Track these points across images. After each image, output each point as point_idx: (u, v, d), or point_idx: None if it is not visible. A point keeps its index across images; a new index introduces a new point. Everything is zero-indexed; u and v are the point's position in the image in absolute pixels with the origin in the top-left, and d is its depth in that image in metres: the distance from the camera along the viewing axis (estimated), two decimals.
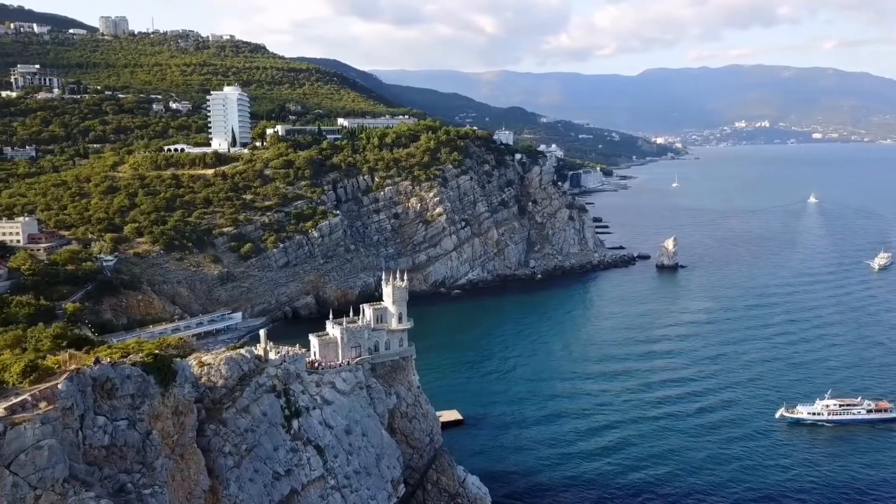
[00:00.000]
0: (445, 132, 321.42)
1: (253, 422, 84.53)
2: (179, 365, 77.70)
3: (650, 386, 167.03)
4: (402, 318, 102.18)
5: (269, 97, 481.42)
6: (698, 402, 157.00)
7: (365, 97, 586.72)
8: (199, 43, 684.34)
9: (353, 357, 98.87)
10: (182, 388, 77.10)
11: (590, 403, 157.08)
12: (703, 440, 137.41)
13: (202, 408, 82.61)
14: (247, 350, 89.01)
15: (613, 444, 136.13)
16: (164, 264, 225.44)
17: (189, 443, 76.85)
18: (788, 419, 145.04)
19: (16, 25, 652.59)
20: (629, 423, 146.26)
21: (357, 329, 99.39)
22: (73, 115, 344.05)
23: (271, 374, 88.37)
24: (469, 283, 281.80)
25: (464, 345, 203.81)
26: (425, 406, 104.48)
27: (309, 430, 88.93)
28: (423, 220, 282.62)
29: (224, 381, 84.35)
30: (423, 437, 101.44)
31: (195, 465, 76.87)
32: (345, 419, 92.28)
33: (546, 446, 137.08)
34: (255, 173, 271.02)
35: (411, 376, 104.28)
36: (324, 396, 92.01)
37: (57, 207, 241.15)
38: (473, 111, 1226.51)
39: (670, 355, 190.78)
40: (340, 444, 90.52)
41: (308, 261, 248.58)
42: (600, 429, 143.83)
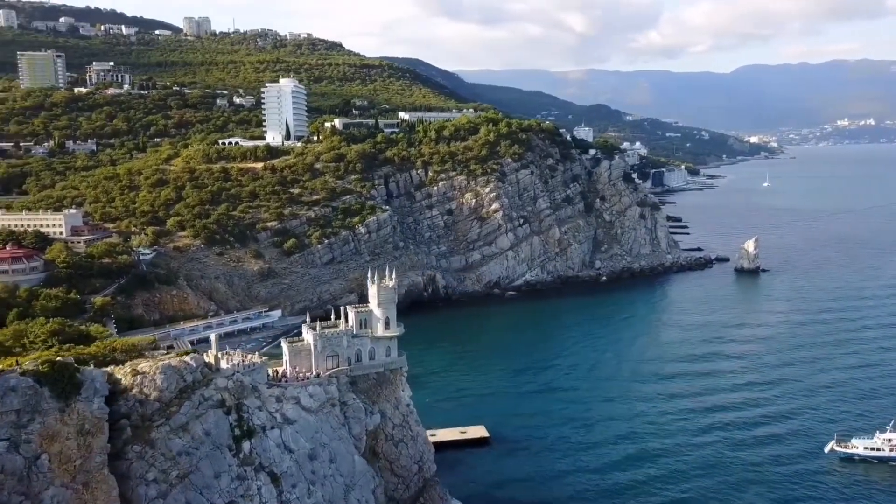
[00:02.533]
0: (507, 124, 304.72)
1: (191, 443, 71.50)
2: (87, 375, 65.42)
3: (702, 409, 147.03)
4: (391, 323, 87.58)
5: (338, 93, 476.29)
6: (749, 430, 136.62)
7: (437, 93, 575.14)
8: (276, 42, 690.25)
9: (328, 368, 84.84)
10: (89, 403, 64.79)
11: (635, 426, 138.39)
12: (747, 474, 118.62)
13: (128, 425, 70.26)
14: (193, 357, 76.16)
15: (651, 476, 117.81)
16: (204, 259, 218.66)
17: (97, 468, 64.42)
18: (840, 454, 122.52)
19: (105, 27, 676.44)
20: (673, 450, 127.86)
21: (334, 335, 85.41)
22: (138, 111, 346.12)
23: (220, 387, 75.30)
24: (526, 284, 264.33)
25: (508, 352, 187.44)
26: (415, 428, 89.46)
27: (263, 453, 75.40)
28: (477, 217, 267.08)
29: (158, 393, 71.76)
30: (410, 464, 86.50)
31: (104, 496, 64.35)
32: (309, 442, 78.39)
33: (580, 473, 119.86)
34: (306, 167, 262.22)
35: (400, 392, 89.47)
36: (285, 414, 78.40)
37: (105, 200, 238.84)
38: (557, 109, 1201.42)
39: (731, 374, 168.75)
40: (301, 472, 76.65)
41: (353, 258, 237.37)
42: (641, 457, 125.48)
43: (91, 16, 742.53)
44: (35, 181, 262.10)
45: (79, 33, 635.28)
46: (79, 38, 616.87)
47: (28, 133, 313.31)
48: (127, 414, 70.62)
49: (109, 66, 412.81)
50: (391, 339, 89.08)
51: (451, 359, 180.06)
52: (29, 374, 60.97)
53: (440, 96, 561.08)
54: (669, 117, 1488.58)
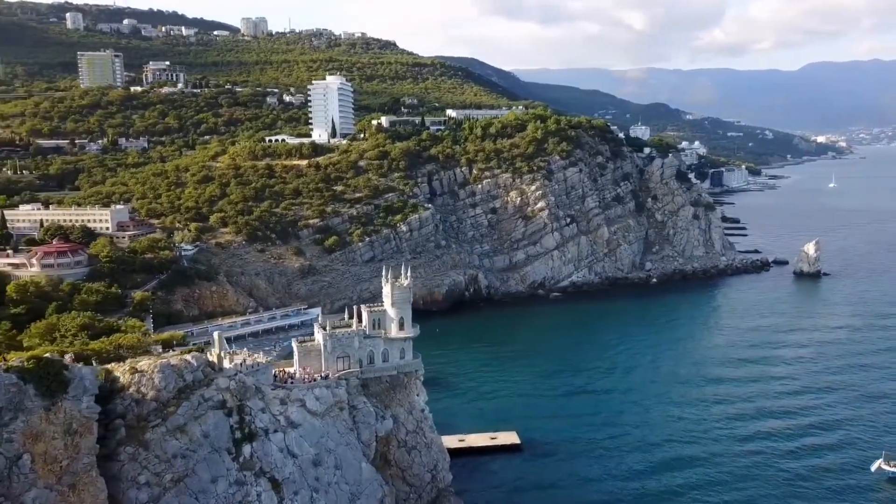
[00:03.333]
0: (555, 121, 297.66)
1: (189, 445, 68.59)
2: (76, 373, 62.95)
3: (746, 416, 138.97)
4: (405, 324, 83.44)
5: (388, 92, 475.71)
6: (792, 440, 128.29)
7: (489, 91, 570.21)
8: (331, 41, 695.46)
9: (338, 369, 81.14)
10: (78, 402, 62.28)
11: (674, 433, 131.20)
12: (787, 487, 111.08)
13: (122, 425, 67.77)
14: (194, 356, 73.36)
15: (688, 485, 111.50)
16: (245, 255, 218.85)
17: (84, 470, 61.90)
18: (888, 473, 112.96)
19: (166, 29, 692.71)
20: (712, 458, 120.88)
21: (345, 335, 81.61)
22: (189, 109, 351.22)
23: (222, 387, 72.27)
24: (572, 285, 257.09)
25: (548, 354, 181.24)
26: (430, 434, 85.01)
27: (264, 458, 72.09)
28: (522, 216, 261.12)
29: (156, 392, 69.04)
30: (423, 472, 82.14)
31: (91, 499, 61.79)
32: (313, 447, 74.77)
33: (612, 480, 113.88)
34: (349, 164, 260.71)
35: (414, 396, 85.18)
36: (289, 417, 74.95)
37: (151, 196, 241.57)
38: (614, 108, 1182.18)
39: (780, 381, 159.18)
40: (304, 478, 73.09)
41: (394, 256, 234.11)
42: (679, 465, 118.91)
43: (153, 18, 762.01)
44: (87, 177, 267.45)
45: (141, 35, 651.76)
46: (140, 39, 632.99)
47: (84, 131, 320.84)
48: (122, 413, 68.19)
49: (165, 65, 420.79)
50: (405, 340, 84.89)
51: (487, 360, 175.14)
52: (13, 370, 58.83)
53: (492, 94, 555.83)
54: (732, 116, 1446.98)
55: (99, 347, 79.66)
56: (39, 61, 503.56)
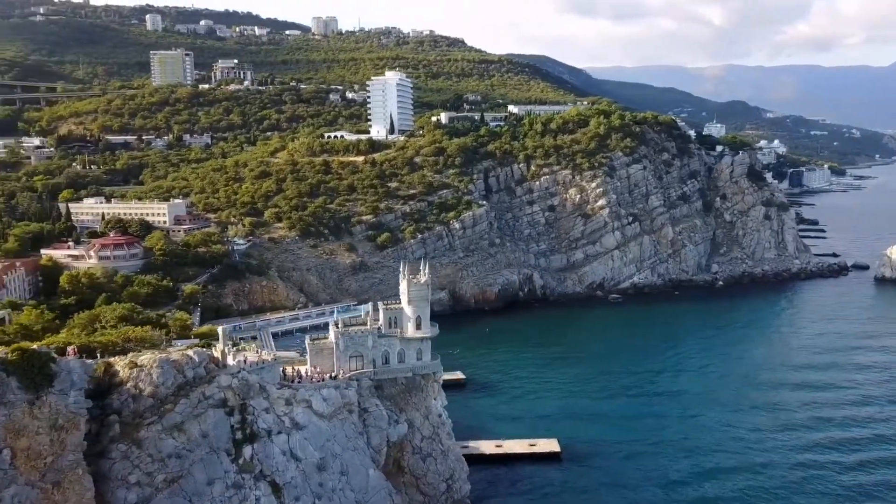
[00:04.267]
0: (619, 116, 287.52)
1: (187, 444, 65.64)
2: (64, 366, 60.54)
3: (806, 427, 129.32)
4: (422, 323, 78.60)
5: (453, 89, 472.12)
6: (856, 451, 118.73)
7: (556, 88, 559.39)
8: (399, 39, 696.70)
9: (351, 369, 77.07)
10: (64, 396, 59.87)
11: (726, 443, 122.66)
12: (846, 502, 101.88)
13: (116, 422, 65.30)
14: (196, 351, 70.45)
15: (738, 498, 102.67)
16: (297, 250, 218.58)
17: (70, 467, 59.46)
18: None
19: (240, 29, 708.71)
20: (768, 469, 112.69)
21: (358, 334, 77.39)
22: (253, 105, 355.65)
23: (224, 385, 69.08)
24: (633, 286, 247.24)
25: (601, 359, 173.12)
26: (447, 442, 79.93)
27: (265, 460, 68.60)
28: (582, 214, 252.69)
29: (153, 388, 66.35)
30: (438, 482, 77.24)
31: (76, 497, 59.30)
32: (318, 450, 70.84)
33: (657, 494, 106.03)
34: (405, 161, 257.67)
35: (431, 400, 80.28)
36: (294, 419, 71.25)
37: (210, 191, 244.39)
38: (690, 106, 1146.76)
39: (850, 389, 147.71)
40: (307, 484, 69.26)
41: (446, 254, 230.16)
42: (732, 476, 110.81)
43: (229, 18, 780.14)
44: (151, 172, 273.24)
45: (216, 35, 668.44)
46: (215, 39, 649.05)
47: (151, 127, 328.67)
48: (118, 409, 65.82)
49: (233, 63, 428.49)
50: (423, 340, 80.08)
51: (535, 363, 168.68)
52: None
53: (559, 91, 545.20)
54: (817, 114, 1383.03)
55: (106, 340, 77.99)
56: (119, 61, 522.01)
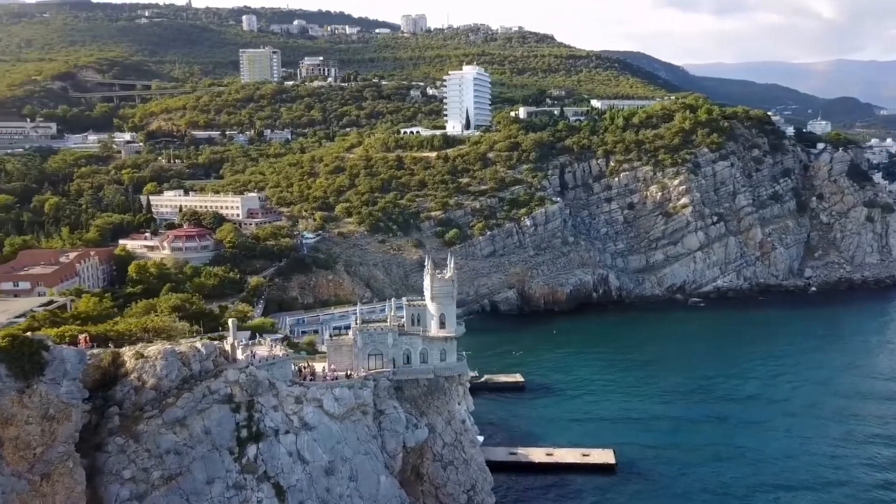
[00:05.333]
0: (707, 111, 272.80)
1: (188, 440, 62.92)
2: (56, 354, 58.63)
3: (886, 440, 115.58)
4: (447, 321, 73.31)
5: (538, 84, 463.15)
6: None
7: (647, 84, 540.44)
8: (487, 36, 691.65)
9: (370, 368, 72.71)
10: (55, 386, 57.90)
11: (800, 465, 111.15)
12: None
13: (116, 414, 63.22)
14: (205, 344, 67.73)
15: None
16: (366, 245, 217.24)
17: (60, 459, 57.51)
18: None
19: (331, 28, 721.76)
20: (841, 486, 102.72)
21: (378, 331, 72.91)
22: (335, 101, 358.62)
23: (230, 380, 66.03)
24: (716, 290, 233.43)
25: (673, 366, 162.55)
26: (470, 450, 74.31)
27: (270, 461, 65.12)
28: (663, 213, 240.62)
29: (156, 381, 63.93)
30: (458, 492, 71.75)
31: (65, 490, 57.30)
32: (328, 453, 66.78)
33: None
34: (478, 156, 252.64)
35: (454, 405, 74.84)
36: (304, 418, 67.44)
37: (284, 185, 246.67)
38: (794, 103, 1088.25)
39: None
40: (313, 488, 65.33)
41: (516, 251, 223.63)
42: (799, 490, 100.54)
43: (321, 18, 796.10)
44: (230, 166, 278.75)
45: (308, 34, 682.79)
46: (306, 38, 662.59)
47: (235, 123, 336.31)
48: (120, 401, 63.80)
49: (318, 60, 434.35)
50: (447, 340, 74.77)
51: (601, 368, 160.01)
52: None
53: (650, 87, 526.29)
54: None
55: (124, 329, 76.64)
56: (214, 60, 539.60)
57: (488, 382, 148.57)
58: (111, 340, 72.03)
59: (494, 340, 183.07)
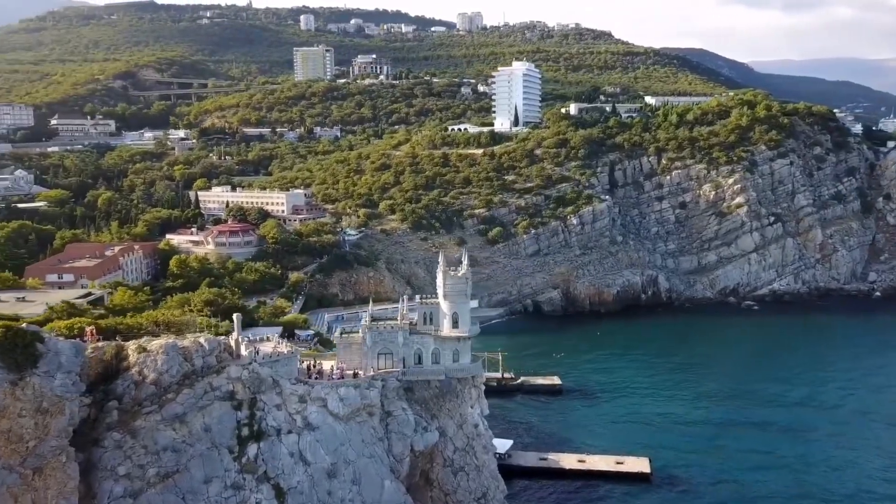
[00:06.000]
0: (765, 107, 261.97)
1: (187, 438, 61.49)
2: (51, 346, 57.74)
3: None
4: (460, 321, 70.09)
5: (593, 81, 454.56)
6: None
7: (706, 80, 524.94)
8: (543, 33, 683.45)
9: (380, 367, 70.07)
10: (49, 379, 56.95)
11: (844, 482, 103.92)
12: None
13: (115, 408, 62.12)
14: (208, 339, 66.19)
15: None
16: (408, 243, 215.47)
17: (53, 453, 56.55)
18: None
19: (388, 27, 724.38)
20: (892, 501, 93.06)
21: (388, 329, 70.19)
22: (385, 99, 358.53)
23: (233, 377, 64.39)
24: (771, 293, 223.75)
25: (719, 372, 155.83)
26: (482, 456, 70.84)
27: (270, 461, 63.19)
28: (716, 212, 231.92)
29: (157, 375, 62.66)
30: (468, 499, 68.47)
31: (57, 485, 56.35)
32: (331, 455, 64.43)
33: None
34: (525, 153, 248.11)
35: (467, 408, 71.52)
36: (307, 418, 65.24)
37: (330, 182, 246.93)
38: (867, 100, 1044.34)
39: None
40: (314, 490, 63.09)
41: (562, 251, 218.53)
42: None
43: (378, 17, 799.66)
44: (279, 163, 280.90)
45: (364, 33, 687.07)
46: (363, 37, 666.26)
47: (286, 120, 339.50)
48: (120, 396, 62.71)
49: (371, 58, 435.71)
50: (459, 340, 71.51)
51: (644, 372, 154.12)
52: None
53: (710, 84, 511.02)
54: None
55: (134, 322, 75.90)
56: (271, 59, 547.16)
57: (524, 384, 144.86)
58: (120, 334, 71.25)
59: (535, 341, 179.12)
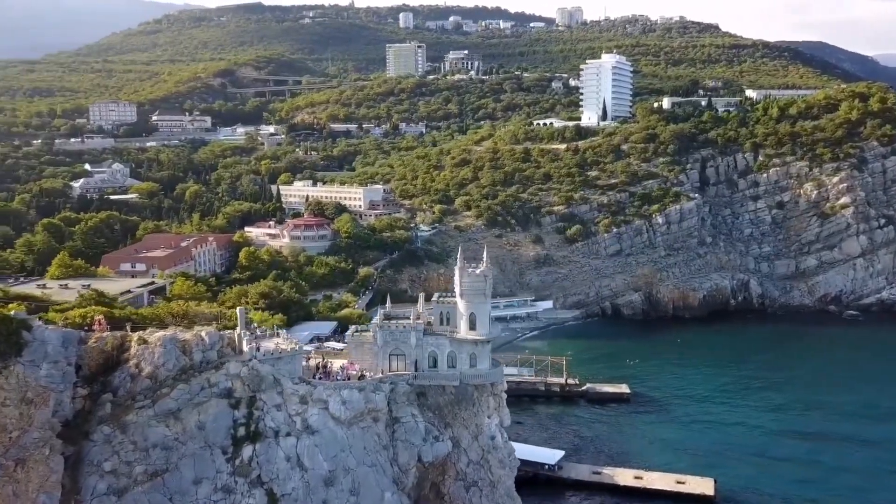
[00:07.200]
0: (880, 100, 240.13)
1: (179, 435, 58.92)
2: (38, 334, 56.08)
3: None
4: (477, 322, 64.12)
5: (694, 75, 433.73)
6: None
7: (819, 73, 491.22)
8: (646, 27, 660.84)
9: (391, 369, 65.22)
10: (34, 368, 55.38)
11: None
12: None
13: (109, 401, 60.13)
14: (210, 332, 63.29)
15: None
16: (481, 240, 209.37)
17: (35, 445, 54.92)
18: None
19: (486, 23, 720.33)
20: None
21: (400, 329, 65.11)
22: (473, 95, 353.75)
23: (232, 373, 61.32)
24: (879, 303, 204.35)
25: (812, 388, 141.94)
26: (498, 471, 64.54)
27: (265, 465, 59.59)
28: (818, 213, 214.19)
29: (152, 369, 60.33)
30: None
31: (39, 479, 54.59)
32: (329, 461, 60.10)
33: None
34: (610, 148, 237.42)
35: (484, 418, 65.40)
36: (307, 421, 61.17)
37: (409, 178, 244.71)
38: None
39: None
40: (310, 498, 59.05)
41: (645, 251, 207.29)
42: None
43: (476, 14, 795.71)
44: (362, 159, 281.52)
45: (461, 30, 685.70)
46: (460, 34, 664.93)
47: (373, 116, 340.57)
48: (115, 388, 60.64)
49: (463, 54, 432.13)
50: (477, 344, 65.48)
51: (721, 385, 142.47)
52: None
53: (823, 77, 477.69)
54: None
55: (150, 313, 74.21)
56: (367, 57, 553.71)
57: (589, 391, 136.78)
58: (133, 324, 69.56)
59: (609, 347, 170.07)
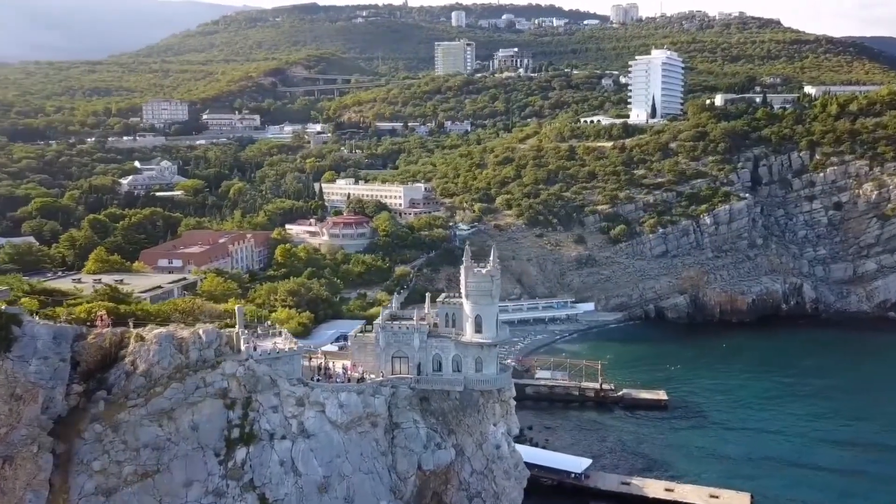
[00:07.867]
0: None
1: (172, 435, 57.56)
2: (28, 330, 55.20)
3: None
4: (484, 325, 60.86)
5: (752, 72, 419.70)
6: None
7: (887, 69, 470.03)
8: (703, 23, 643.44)
9: (394, 371, 62.49)
10: (24, 364, 54.49)
11: None
12: None
13: (102, 398, 59.03)
14: (207, 330, 61.70)
15: None
16: (521, 239, 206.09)
17: (23, 442, 54.09)
18: None
19: (539, 21, 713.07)
20: None
21: (403, 330, 62.29)
22: (520, 92, 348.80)
23: (227, 373, 59.65)
24: None
25: (865, 399, 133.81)
26: (502, 482, 61.17)
27: (259, 468, 57.73)
28: (878, 215, 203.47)
29: (147, 367, 59.07)
30: None
31: (26, 477, 53.70)
32: (324, 467, 57.75)
33: None
34: (658, 146, 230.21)
35: (489, 425, 62.03)
36: (303, 424, 58.98)
37: (451, 176, 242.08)
38: None
39: None
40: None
41: (692, 253, 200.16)
42: None
43: (530, 12, 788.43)
44: (406, 157, 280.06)
45: (514, 28, 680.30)
46: (512, 32, 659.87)
47: (419, 115, 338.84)
48: (110, 386, 59.54)
49: (512, 52, 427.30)
50: (482, 347, 62.16)
51: (767, 394, 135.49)
52: None
53: (891, 73, 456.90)
54: None
55: (156, 310, 73.13)
56: (418, 56, 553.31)
57: (625, 397, 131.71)
58: (137, 320, 68.58)
59: (650, 351, 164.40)
